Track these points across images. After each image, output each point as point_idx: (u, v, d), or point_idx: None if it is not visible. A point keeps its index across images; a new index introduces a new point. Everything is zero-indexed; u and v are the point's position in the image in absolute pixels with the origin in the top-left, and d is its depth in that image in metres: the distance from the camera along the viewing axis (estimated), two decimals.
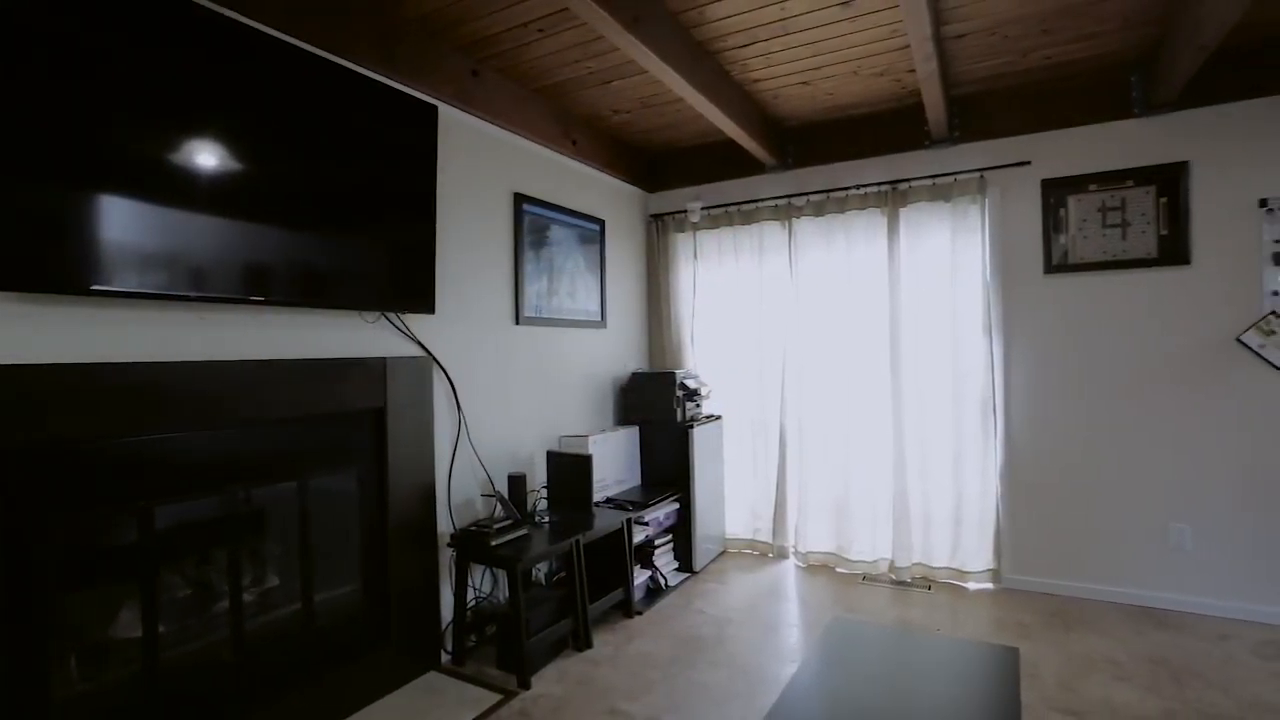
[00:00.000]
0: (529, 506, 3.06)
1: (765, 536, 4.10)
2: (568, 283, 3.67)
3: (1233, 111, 3.05)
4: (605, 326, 4.01)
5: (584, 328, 3.81)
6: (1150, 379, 3.21)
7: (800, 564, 3.92)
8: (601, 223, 3.96)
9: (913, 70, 3.09)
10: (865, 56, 3.03)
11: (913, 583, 3.58)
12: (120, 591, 1.90)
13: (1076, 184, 3.33)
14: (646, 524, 3.46)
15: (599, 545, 3.14)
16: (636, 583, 3.34)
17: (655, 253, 4.42)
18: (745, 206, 4.09)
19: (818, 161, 3.91)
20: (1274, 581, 2.99)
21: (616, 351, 4.15)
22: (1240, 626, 2.95)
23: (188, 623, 2.05)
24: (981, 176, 3.46)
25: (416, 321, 2.72)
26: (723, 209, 4.17)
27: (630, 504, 3.40)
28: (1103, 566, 3.30)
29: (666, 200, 4.44)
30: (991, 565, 3.47)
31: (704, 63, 2.95)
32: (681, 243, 4.36)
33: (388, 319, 2.60)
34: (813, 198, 3.89)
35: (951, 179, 3.52)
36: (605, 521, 3.08)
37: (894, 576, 3.63)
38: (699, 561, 3.82)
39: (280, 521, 2.31)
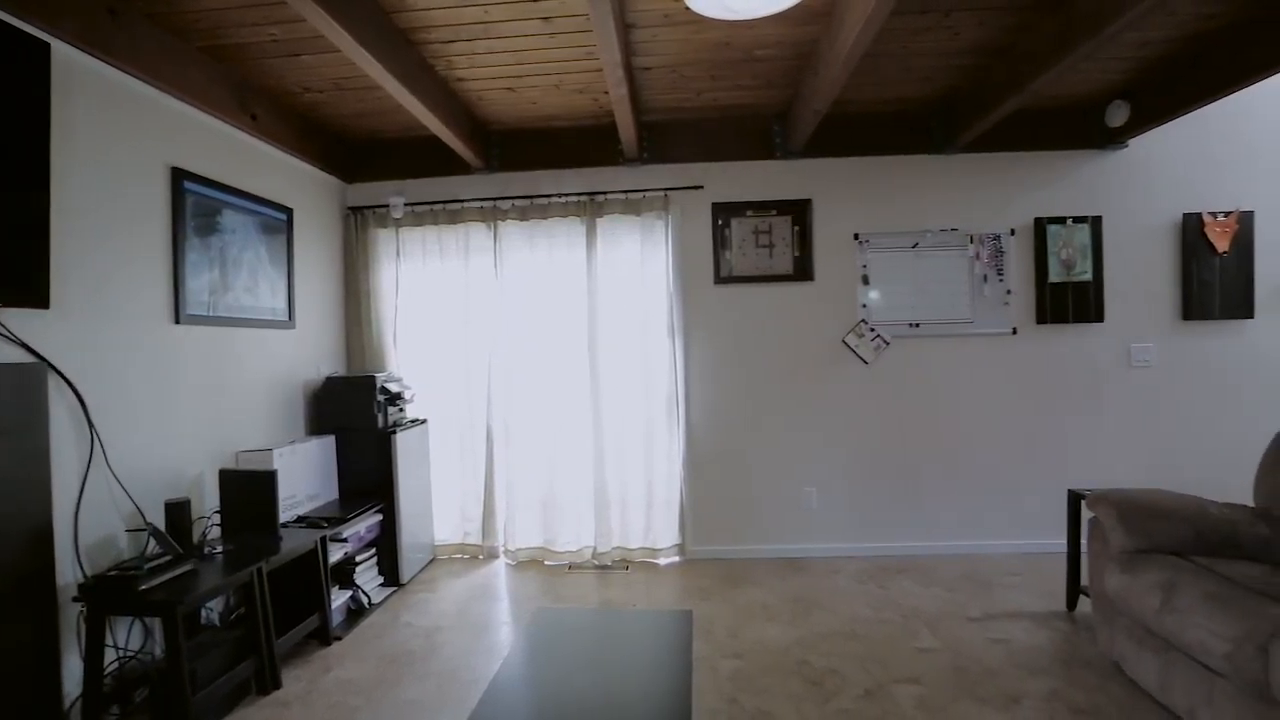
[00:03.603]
0: (197, 537, 2.61)
1: (475, 538, 4.09)
2: (246, 277, 3.21)
3: (839, 164, 3.94)
4: (294, 327, 3.59)
5: (268, 328, 3.37)
6: (789, 372, 3.98)
7: (510, 561, 4.00)
8: (289, 211, 3.54)
9: (608, 92, 3.36)
10: (566, 73, 3.22)
11: (613, 565, 3.90)
12: None
13: (738, 209, 3.97)
14: (345, 540, 3.19)
15: (288, 570, 2.81)
16: (335, 605, 3.07)
17: (354, 248, 4.10)
18: (451, 206, 4.03)
19: (523, 167, 4.03)
20: (867, 524, 3.95)
21: (308, 354, 3.75)
22: (846, 561, 3.84)
23: None
24: (666, 195, 3.92)
25: (21, 318, 2.12)
26: (428, 207, 4.04)
27: (325, 520, 3.11)
28: (760, 530, 3.99)
29: (367, 193, 4.15)
30: (678, 541, 3.96)
31: (405, 52, 2.84)
32: (384, 239, 4.11)
33: None
34: (517, 202, 4.00)
35: (641, 195, 3.92)
36: (295, 543, 2.77)
37: (597, 562, 3.91)
38: (406, 573, 3.65)
39: None
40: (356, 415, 3.59)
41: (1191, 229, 3.83)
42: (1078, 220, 3.86)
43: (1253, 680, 1.78)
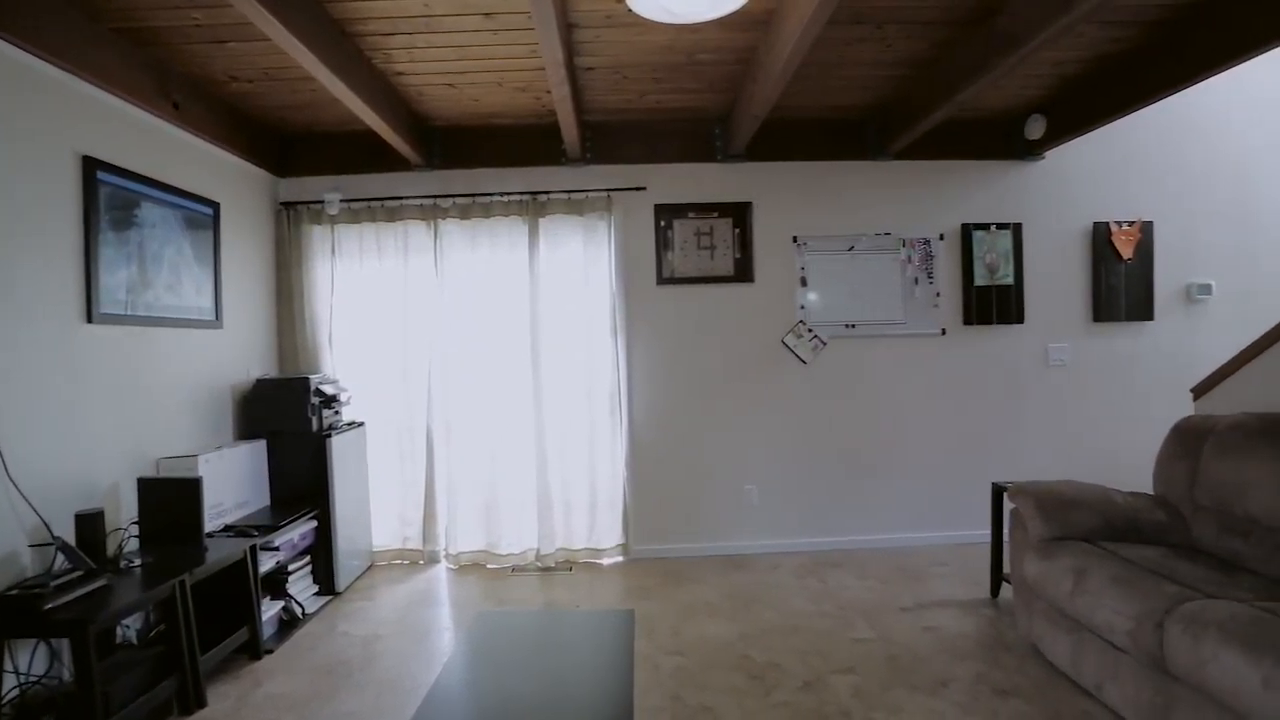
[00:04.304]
0: (113, 550, 2.46)
1: (415, 543, 4.00)
2: (169, 274, 3.05)
3: (778, 168, 4.03)
4: (221, 327, 3.43)
5: (193, 328, 3.21)
6: (730, 371, 4.05)
7: (452, 566, 3.93)
8: (216, 205, 3.37)
9: (550, 91, 3.34)
10: (508, 70, 3.18)
11: (556, 567, 3.88)
12: None
13: (680, 211, 4.01)
14: (277, 549, 3.07)
15: (214, 582, 2.68)
16: (266, 617, 2.95)
17: (286, 245, 3.94)
18: (389, 203, 3.92)
19: (464, 165, 3.96)
20: (806, 519, 4.05)
21: (237, 355, 3.58)
22: (785, 557, 3.93)
23: None
24: (608, 196, 3.93)
25: None
26: (365, 204, 3.92)
27: (256, 529, 2.98)
28: (702, 528, 4.04)
29: (300, 188, 3.99)
30: (621, 540, 3.97)
31: (341, 43, 2.75)
32: (318, 236, 3.97)
33: None
34: (458, 200, 3.93)
35: (584, 195, 3.92)
36: (222, 553, 2.65)
37: (540, 564, 3.88)
38: (343, 581, 3.54)
39: None
40: (289, 418, 3.45)
41: (1100, 237, 4.09)
42: (1000, 227, 4.07)
43: (1151, 655, 1.92)
